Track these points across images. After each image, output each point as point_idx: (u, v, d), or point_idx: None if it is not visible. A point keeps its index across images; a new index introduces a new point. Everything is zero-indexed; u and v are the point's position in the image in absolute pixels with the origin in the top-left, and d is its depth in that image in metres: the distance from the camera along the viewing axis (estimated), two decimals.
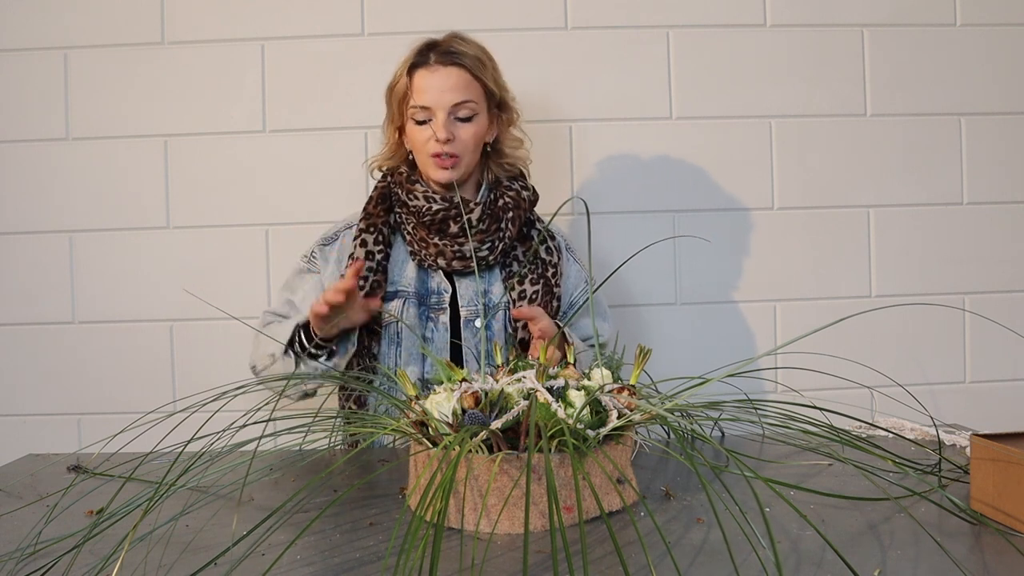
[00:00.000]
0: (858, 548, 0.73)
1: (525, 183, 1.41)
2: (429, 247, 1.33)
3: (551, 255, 1.38)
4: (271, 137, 1.69)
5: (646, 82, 1.71)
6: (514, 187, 1.39)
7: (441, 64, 1.30)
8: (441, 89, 1.29)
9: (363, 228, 1.36)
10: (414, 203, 1.33)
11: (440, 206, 1.32)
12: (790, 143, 1.72)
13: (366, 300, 1.28)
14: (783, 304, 1.74)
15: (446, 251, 1.32)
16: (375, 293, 1.31)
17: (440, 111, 1.29)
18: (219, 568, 0.71)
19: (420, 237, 1.34)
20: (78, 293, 1.69)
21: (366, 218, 1.37)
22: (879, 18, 1.72)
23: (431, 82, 1.29)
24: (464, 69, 1.31)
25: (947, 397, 1.74)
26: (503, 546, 0.76)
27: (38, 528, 0.83)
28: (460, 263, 1.32)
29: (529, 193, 1.40)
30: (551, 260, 1.37)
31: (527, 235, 1.39)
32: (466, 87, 1.31)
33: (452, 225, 1.32)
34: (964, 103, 1.73)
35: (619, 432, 0.85)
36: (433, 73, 1.30)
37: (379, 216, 1.36)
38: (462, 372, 0.94)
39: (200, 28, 1.68)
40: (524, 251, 1.37)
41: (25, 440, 1.65)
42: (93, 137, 1.68)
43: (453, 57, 1.30)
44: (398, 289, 1.35)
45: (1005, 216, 1.75)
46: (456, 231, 1.32)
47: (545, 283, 1.35)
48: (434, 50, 1.31)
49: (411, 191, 1.34)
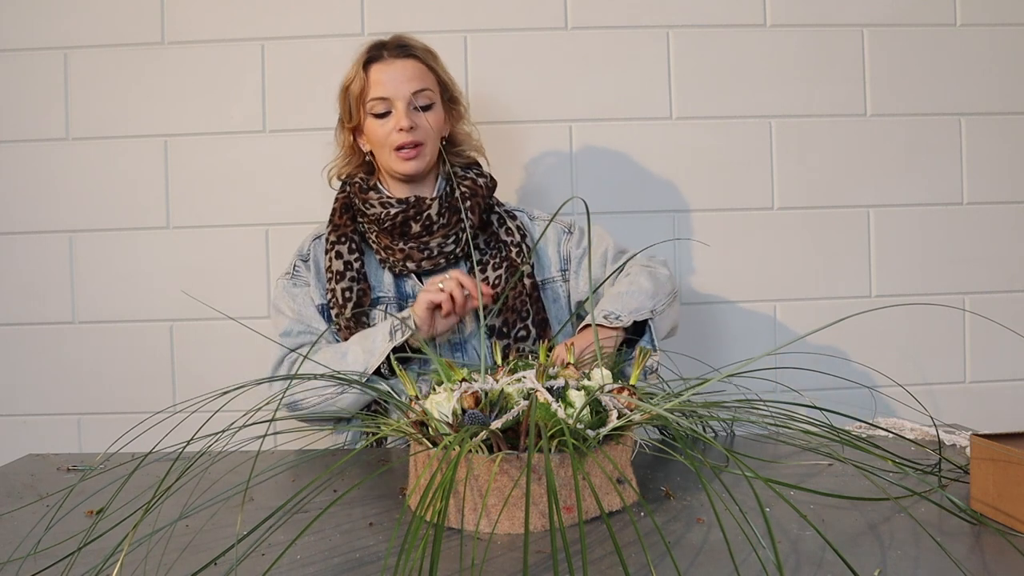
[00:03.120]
0: (858, 548, 0.72)
1: (480, 170, 1.41)
2: (396, 253, 1.33)
3: (512, 235, 1.37)
4: (271, 137, 1.69)
5: (646, 82, 1.71)
6: (469, 175, 1.38)
7: (395, 57, 1.33)
8: (399, 79, 1.31)
9: (335, 240, 1.35)
10: (372, 211, 1.33)
11: (398, 209, 1.31)
12: (790, 143, 1.72)
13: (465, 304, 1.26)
14: (783, 304, 1.74)
15: (413, 254, 1.32)
16: (363, 301, 1.31)
17: (400, 101, 1.31)
18: (219, 568, 0.71)
19: (385, 244, 1.34)
20: (78, 293, 1.69)
21: (335, 229, 1.36)
22: (879, 18, 1.72)
23: (388, 74, 1.31)
24: (418, 60, 1.34)
25: (947, 397, 1.74)
26: (503, 546, 0.76)
27: (38, 528, 0.83)
28: (429, 262, 1.32)
29: (486, 180, 1.39)
30: (513, 240, 1.36)
31: (488, 222, 1.39)
32: (422, 76, 1.34)
33: (414, 225, 1.31)
34: (964, 103, 1.73)
35: (619, 432, 0.85)
36: (389, 66, 1.32)
37: (347, 225, 1.36)
38: (462, 372, 0.94)
39: (200, 28, 1.68)
40: (486, 239, 1.37)
41: (25, 440, 1.65)
42: (93, 137, 1.68)
43: (406, 50, 1.34)
44: (379, 295, 1.34)
45: (1005, 216, 1.75)
46: (419, 230, 1.31)
47: (509, 265, 1.34)
48: (385, 47, 1.34)
49: (366, 200, 1.34)
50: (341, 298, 1.31)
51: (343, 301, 1.31)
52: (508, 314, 1.31)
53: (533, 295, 1.33)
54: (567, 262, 1.40)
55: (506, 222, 1.38)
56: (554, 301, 1.38)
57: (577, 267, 1.39)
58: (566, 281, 1.39)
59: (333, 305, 1.32)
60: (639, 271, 1.31)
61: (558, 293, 1.39)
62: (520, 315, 1.31)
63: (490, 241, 1.36)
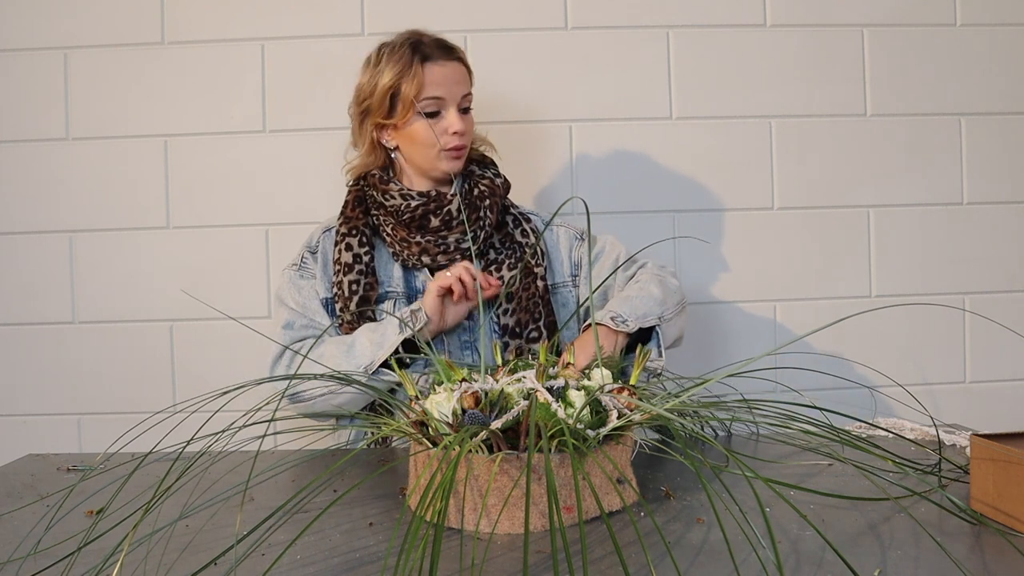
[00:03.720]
0: (858, 548, 0.72)
1: (497, 170, 1.42)
2: (412, 246, 1.32)
3: (527, 237, 1.38)
4: (271, 137, 1.69)
5: (646, 82, 1.71)
6: (487, 175, 1.39)
7: (447, 59, 1.33)
8: (453, 81, 1.32)
9: (345, 232, 1.35)
10: (391, 203, 1.33)
11: (419, 202, 1.31)
12: (790, 143, 1.72)
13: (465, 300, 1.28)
14: (783, 304, 1.74)
15: (430, 248, 1.32)
16: (369, 296, 1.31)
17: (453, 103, 1.32)
18: (219, 568, 0.71)
19: (401, 237, 1.33)
20: (78, 293, 1.69)
21: (346, 222, 1.36)
22: (879, 18, 1.72)
23: (444, 75, 1.31)
24: (462, 63, 1.35)
25: (947, 397, 1.74)
26: (503, 546, 0.76)
27: (38, 528, 0.83)
28: (445, 257, 1.32)
29: (502, 180, 1.40)
30: (527, 242, 1.37)
31: (503, 222, 1.39)
32: (467, 79, 1.36)
33: (433, 219, 1.32)
34: (964, 103, 1.73)
35: (619, 432, 0.85)
36: (443, 67, 1.32)
37: (358, 219, 1.36)
38: (462, 371, 0.94)
39: (200, 28, 1.68)
40: (500, 239, 1.37)
41: (25, 440, 1.65)
42: (93, 137, 1.68)
43: (453, 52, 1.34)
44: (387, 291, 1.34)
45: (1005, 216, 1.75)
46: (438, 224, 1.32)
47: (523, 267, 1.34)
48: (431, 45, 1.33)
49: (386, 192, 1.34)
50: (347, 290, 1.30)
51: (348, 293, 1.30)
52: (521, 315, 1.31)
53: (545, 298, 1.34)
54: (578, 267, 1.41)
55: (521, 223, 1.39)
56: (563, 306, 1.38)
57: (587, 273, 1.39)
58: (576, 287, 1.40)
59: (338, 298, 1.32)
60: (650, 278, 1.32)
61: (567, 298, 1.39)
62: (533, 316, 1.32)
63: (505, 241, 1.37)
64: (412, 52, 1.31)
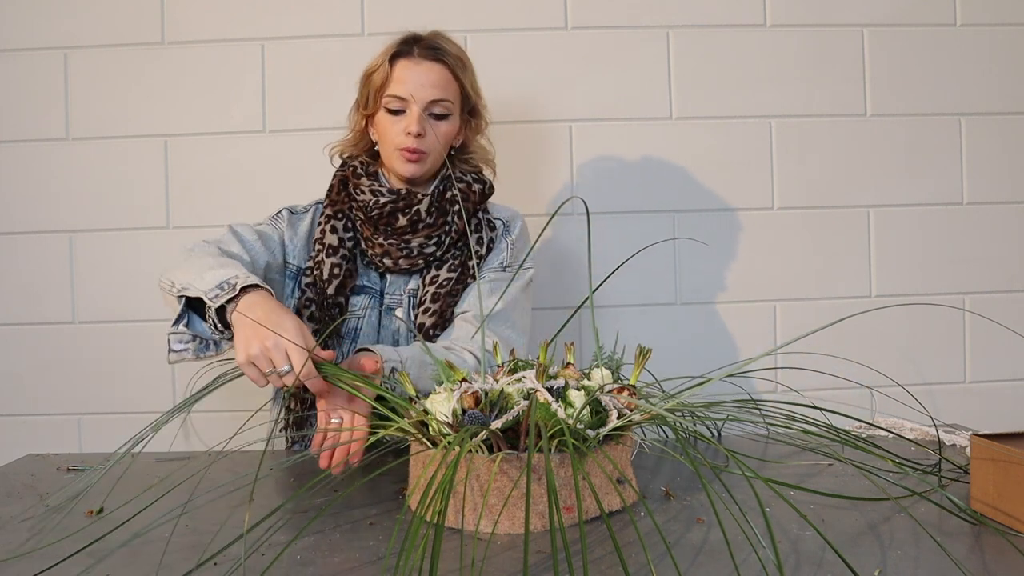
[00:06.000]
0: (858, 548, 0.72)
1: (479, 176, 1.36)
2: (375, 247, 1.29)
3: (480, 246, 1.32)
4: (271, 137, 1.69)
5: (646, 82, 1.71)
6: (466, 179, 1.34)
7: (424, 58, 1.28)
8: (421, 83, 1.27)
9: (331, 215, 1.31)
10: (361, 197, 1.29)
11: (387, 199, 1.28)
12: (790, 143, 1.72)
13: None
14: (783, 304, 1.74)
15: (392, 251, 1.28)
16: (345, 284, 1.28)
17: (416, 104, 1.26)
18: (219, 568, 0.71)
19: (366, 236, 1.30)
20: (78, 293, 1.69)
21: (332, 204, 1.33)
22: (879, 18, 1.72)
23: (412, 74, 1.27)
24: (446, 67, 1.29)
25: (947, 397, 1.74)
26: (503, 546, 0.76)
27: (38, 528, 0.83)
28: (407, 262, 1.29)
29: (482, 186, 1.34)
30: (478, 251, 1.32)
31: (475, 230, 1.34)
32: (445, 85, 1.29)
33: (400, 218, 1.28)
34: (964, 103, 1.73)
35: (619, 432, 0.85)
36: (416, 65, 1.28)
37: (343, 203, 1.33)
38: (462, 372, 0.94)
39: (200, 28, 1.68)
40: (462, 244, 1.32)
41: (25, 440, 1.65)
42: (93, 137, 1.68)
43: (437, 53, 1.29)
44: (364, 285, 1.31)
45: (1005, 216, 1.75)
46: (405, 224, 1.28)
47: (462, 272, 1.30)
48: (418, 43, 1.29)
49: (358, 185, 1.31)
50: (327, 272, 1.27)
51: (328, 277, 1.27)
52: (438, 318, 1.27)
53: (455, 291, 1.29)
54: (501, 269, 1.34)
55: (483, 230, 1.34)
56: None
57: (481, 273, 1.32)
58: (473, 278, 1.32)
59: (313, 277, 1.28)
60: (461, 351, 1.20)
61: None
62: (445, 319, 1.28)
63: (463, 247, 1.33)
64: (394, 47, 1.30)
